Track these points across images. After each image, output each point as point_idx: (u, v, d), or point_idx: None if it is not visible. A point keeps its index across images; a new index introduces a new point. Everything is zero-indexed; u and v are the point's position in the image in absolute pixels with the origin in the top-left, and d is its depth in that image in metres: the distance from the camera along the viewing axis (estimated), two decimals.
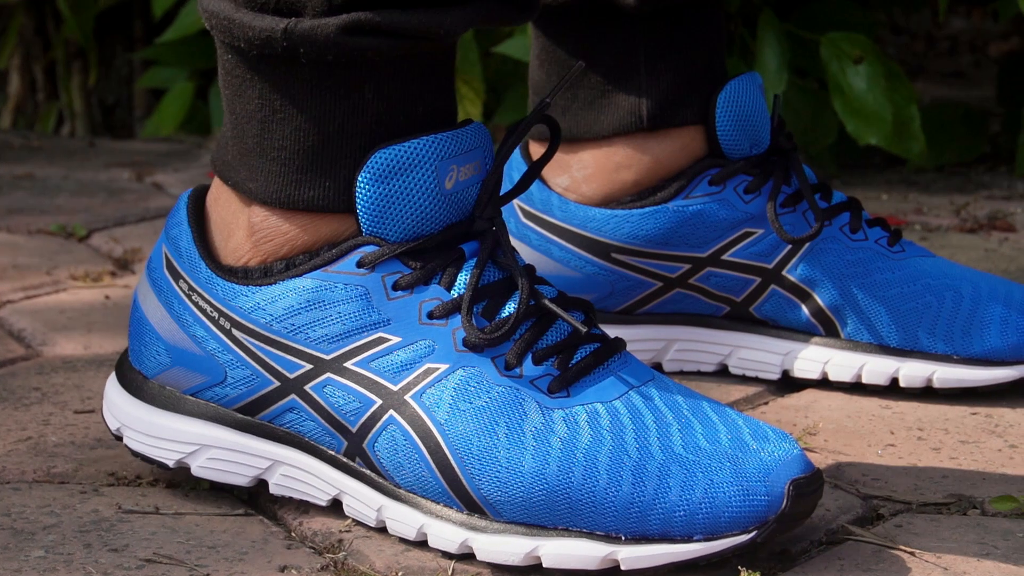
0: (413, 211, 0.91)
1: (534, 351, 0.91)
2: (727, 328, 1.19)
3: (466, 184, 0.93)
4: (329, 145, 0.92)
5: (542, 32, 1.19)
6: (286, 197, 0.93)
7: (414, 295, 0.92)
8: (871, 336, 1.16)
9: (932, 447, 1.08)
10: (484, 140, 0.94)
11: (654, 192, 1.16)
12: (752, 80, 1.17)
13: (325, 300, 0.92)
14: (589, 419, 0.90)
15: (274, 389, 0.94)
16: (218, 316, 0.95)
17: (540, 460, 0.88)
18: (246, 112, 0.93)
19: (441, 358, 0.91)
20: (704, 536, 0.87)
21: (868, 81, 1.71)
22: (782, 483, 0.87)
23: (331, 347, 0.92)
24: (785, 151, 1.17)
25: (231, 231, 0.96)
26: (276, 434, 0.95)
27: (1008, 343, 1.15)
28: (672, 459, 0.88)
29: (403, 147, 0.91)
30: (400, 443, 0.91)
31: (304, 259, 0.93)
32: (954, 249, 1.55)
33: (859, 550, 0.93)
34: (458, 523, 0.90)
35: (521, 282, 0.91)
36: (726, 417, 0.92)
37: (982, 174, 1.90)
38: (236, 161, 0.95)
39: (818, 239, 1.16)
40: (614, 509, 0.87)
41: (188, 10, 2.01)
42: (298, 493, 0.96)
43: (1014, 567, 0.91)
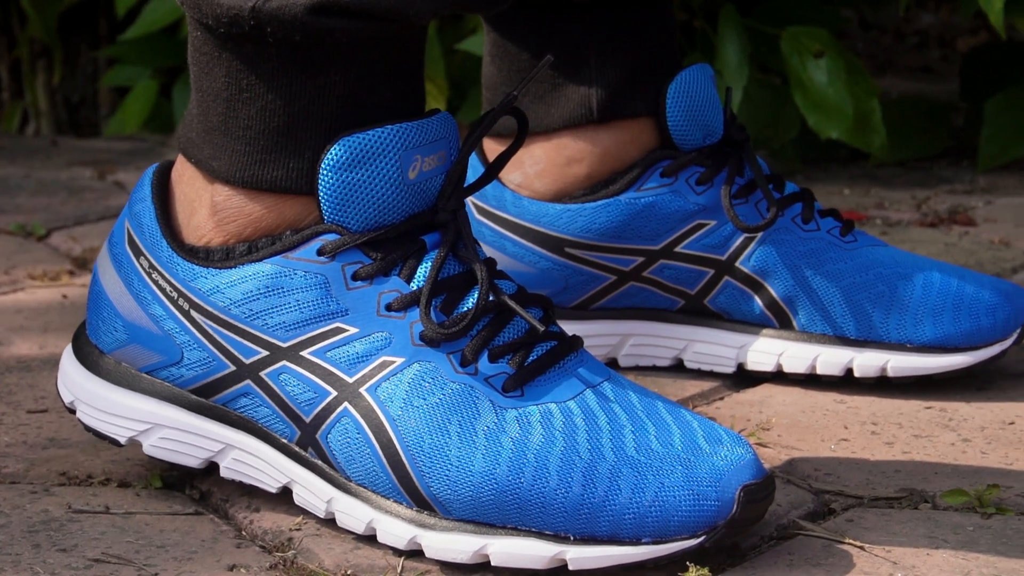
0: (375, 201, 0.91)
1: (490, 348, 0.91)
2: (682, 322, 1.19)
3: (430, 175, 0.92)
4: (294, 126, 0.91)
5: (493, 28, 1.19)
6: (250, 177, 0.92)
7: (373, 286, 0.91)
8: (825, 327, 1.16)
9: (885, 441, 1.08)
10: (450, 130, 0.93)
11: (606, 185, 1.16)
12: (703, 71, 1.17)
13: (284, 287, 0.92)
14: (542, 419, 0.89)
15: (230, 373, 0.94)
16: (177, 296, 0.94)
17: (490, 460, 0.88)
18: (212, 90, 0.93)
19: (397, 351, 0.91)
20: (653, 539, 0.87)
21: (829, 75, 1.71)
22: (733, 488, 0.87)
23: (288, 335, 0.92)
24: (738, 142, 1.17)
25: (194, 209, 0.95)
26: (230, 418, 0.95)
27: (961, 329, 1.15)
28: (624, 461, 0.88)
29: (366, 136, 0.90)
30: (353, 436, 0.91)
31: (266, 243, 0.93)
32: (914, 243, 1.56)
33: (809, 545, 0.93)
34: (407, 519, 0.90)
35: (481, 277, 0.91)
36: (681, 418, 0.91)
37: (944, 168, 1.91)
38: (201, 139, 0.94)
39: (770, 230, 1.16)
40: (563, 510, 0.87)
41: (151, 8, 2.01)
42: (248, 478, 0.95)
43: (963, 560, 0.91)
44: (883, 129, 1.72)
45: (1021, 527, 0.95)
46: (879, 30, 3.14)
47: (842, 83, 1.71)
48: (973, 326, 1.15)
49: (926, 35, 3.11)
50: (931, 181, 1.84)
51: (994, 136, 1.84)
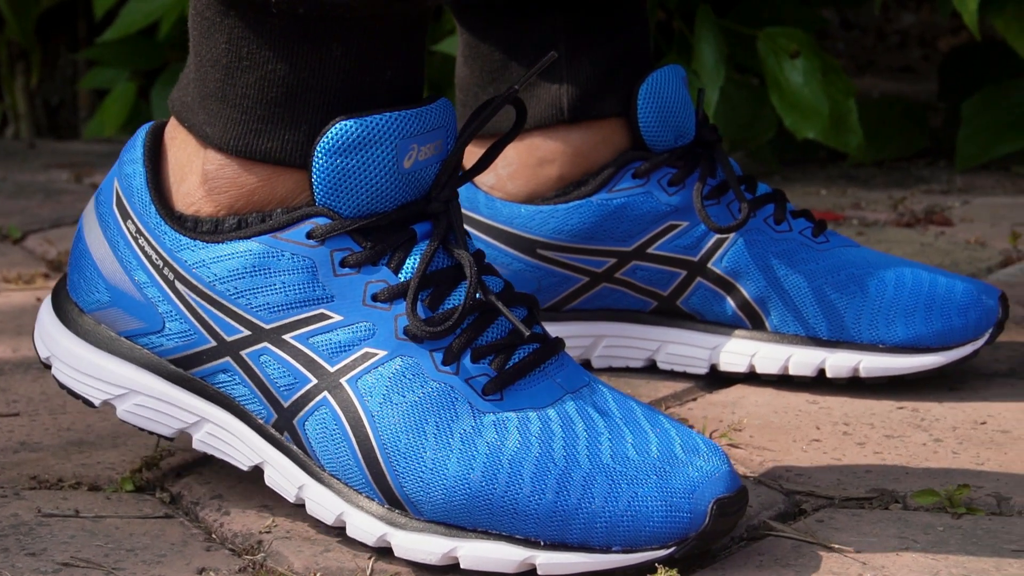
0: (368, 188, 0.90)
1: (473, 348, 0.90)
2: (654, 323, 1.19)
3: (425, 164, 0.91)
4: (293, 98, 0.90)
5: (466, 28, 1.19)
6: (244, 146, 0.91)
7: (361, 274, 0.91)
8: (797, 327, 1.16)
9: (857, 442, 1.08)
10: (448, 119, 0.92)
11: (578, 186, 1.16)
12: (675, 72, 1.17)
13: (271, 267, 0.91)
14: (519, 425, 0.89)
15: (210, 348, 0.93)
16: (162, 265, 0.93)
17: (465, 465, 0.88)
18: (211, 56, 0.91)
19: (380, 344, 0.90)
20: (623, 548, 0.87)
21: (805, 76, 1.72)
22: (706, 501, 0.87)
23: (271, 316, 0.91)
24: (710, 143, 1.17)
25: (184, 175, 0.94)
26: (207, 392, 0.94)
27: (933, 330, 1.15)
28: (599, 469, 0.88)
29: (364, 121, 0.89)
30: (330, 427, 0.90)
31: (256, 219, 0.92)
32: (890, 243, 1.56)
33: (779, 546, 0.93)
34: (378, 516, 0.89)
35: (469, 274, 0.90)
36: (659, 426, 0.91)
37: (922, 168, 1.91)
38: (196, 104, 0.93)
39: (743, 231, 1.16)
40: (536, 516, 0.87)
41: (128, 9, 2.00)
42: (220, 453, 0.95)
43: (932, 560, 0.91)
44: (860, 129, 1.73)
45: (991, 527, 0.95)
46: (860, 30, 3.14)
47: (818, 83, 1.71)
48: (945, 326, 1.15)
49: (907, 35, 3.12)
50: (908, 181, 1.85)
51: (971, 136, 1.85)
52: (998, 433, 1.10)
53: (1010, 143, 1.84)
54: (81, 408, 1.11)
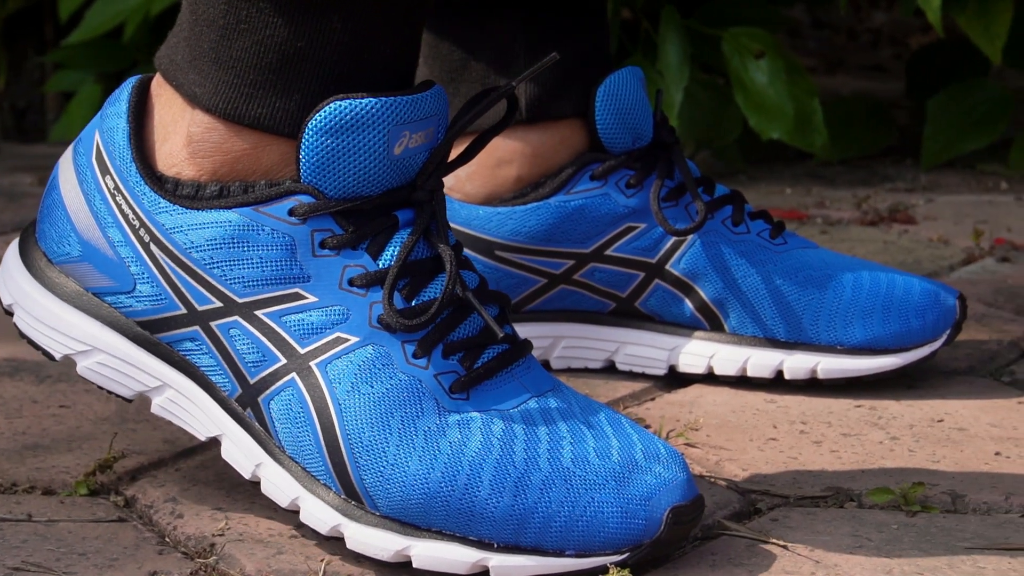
0: (356, 171, 0.89)
1: (446, 343, 0.90)
2: (613, 324, 1.19)
3: (415, 151, 0.90)
4: (288, 65, 0.89)
5: (426, 27, 1.19)
6: (233, 109, 0.90)
7: (339, 257, 0.90)
8: (755, 329, 1.16)
9: (814, 440, 1.08)
10: (441, 108, 0.91)
11: (536, 188, 1.16)
12: (633, 74, 1.17)
13: (249, 240, 0.90)
14: (483, 426, 0.89)
15: (179, 315, 0.92)
16: (139, 226, 0.92)
17: (426, 464, 0.88)
18: (208, 17, 0.90)
19: (353, 330, 0.90)
20: (576, 552, 0.86)
21: (769, 76, 1.72)
22: (662, 509, 0.87)
23: (245, 290, 0.90)
24: (668, 144, 1.17)
25: (168, 135, 0.93)
26: (172, 358, 0.93)
27: (891, 331, 1.15)
28: (558, 472, 0.87)
29: (358, 104, 0.88)
30: (295, 410, 0.90)
31: (238, 189, 0.91)
32: (853, 242, 1.56)
33: (733, 545, 0.93)
34: (333, 506, 0.89)
35: (449, 267, 0.90)
36: (621, 431, 0.91)
37: (888, 167, 1.91)
38: (186, 64, 0.92)
39: (700, 232, 1.16)
40: (492, 519, 0.87)
41: (94, 12, 2.00)
42: (178, 420, 0.94)
43: (886, 559, 0.91)
44: (824, 129, 1.73)
45: (945, 525, 0.96)
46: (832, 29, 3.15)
47: (782, 84, 1.72)
48: (903, 327, 1.15)
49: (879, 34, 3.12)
50: (874, 180, 1.85)
51: (936, 134, 1.85)
52: (955, 431, 1.10)
53: (975, 140, 1.84)
54: (36, 412, 1.11)
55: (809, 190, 1.79)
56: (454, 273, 0.90)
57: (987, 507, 0.99)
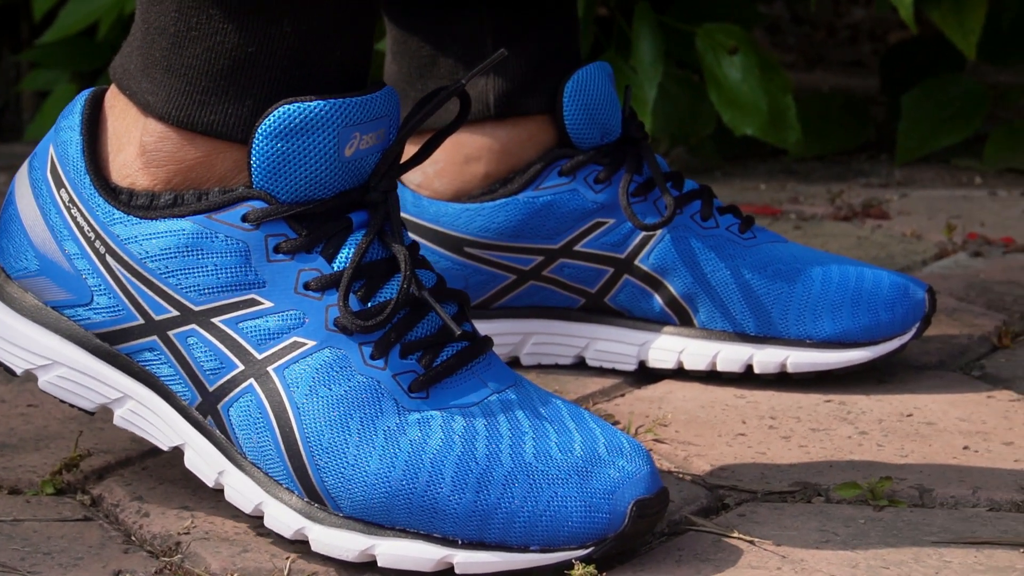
0: (307, 174, 0.89)
1: (403, 343, 0.90)
2: (583, 320, 1.19)
3: (366, 153, 0.90)
4: (239, 71, 0.89)
5: (394, 24, 1.19)
6: (186, 116, 0.90)
7: (294, 262, 0.90)
8: (725, 323, 1.16)
9: (783, 435, 1.08)
10: (392, 108, 0.91)
11: (505, 184, 1.16)
12: (601, 69, 1.17)
13: (204, 248, 0.90)
14: (443, 424, 0.89)
15: (137, 325, 0.92)
16: (94, 238, 0.92)
17: (387, 463, 0.88)
18: (160, 24, 0.90)
19: (310, 334, 0.90)
20: (541, 547, 0.86)
21: (743, 72, 1.72)
22: (626, 502, 0.87)
23: (201, 298, 0.90)
24: (636, 140, 1.17)
25: (122, 145, 0.93)
26: (132, 369, 0.93)
27: (860, 324, 1.15)
28: (520, 468, 0.87)
29: (306, 107, 0.88)
30: (254, 415, 0.90)
31: (191, 197, 0.91)
32: (827, 237, 1.56)
33: (699, 540, 0.93)
34: (297, 509, 0.89)
35: (404, 267, 0.90)
36: (584, 425, 0.91)
37: (863, 162, 1.92)
38: (139, 72, 0.92)
39: (669, 227, 1.16)
40: (455, 515, 0.86)
41: (68, 11, 1.99)
42: (141, 431, 0.94)
43: (852, 553, 0.91)
44: (798, 125, 1.73)
45: (912, 519, 0.96)
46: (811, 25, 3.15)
47: (756, 79, 1.72)
48: (872, 321, 1.16)
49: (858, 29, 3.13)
50: (848, 175, 1.85)
51: (911, 130, 1.85)
52: (924, 425, 1.10)
53: (949, 136, 1.84)
54: (3, 412, 1.11)
55: (784, 186, 1.79)
56: (409, 273, 0.90)
57: (954, 501, 0.99)
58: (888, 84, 2.04)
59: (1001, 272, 1.44)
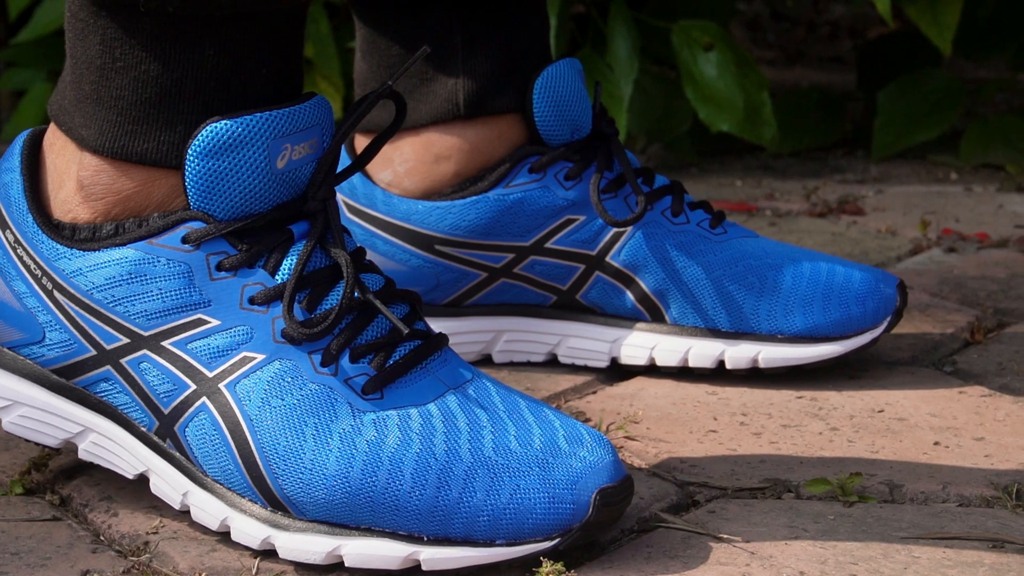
0: (241, 190, 0.90)
1: (352, 348, 0.90)
2: (555, 317, 1.19)
3: (299, 163, 0.91)
4: (167, 99, 0.90)
5: (364, 23, 1.19)
6: (119, 147, 0.91)
7: (237, 278, 0.90)
8: (696, 319, 1.16)
9: (754, 432, 1.08)
10: (324, 116, 0.92)
11: (475, 182, 1.16)
12: (571, 65, 1.17)
13: (147, 274, 0.91)
14: (400, 422, 0.89)
15: (91, 357, 0.93)
16: (41, 275, 0.93)
17: (344, 462, 0.88)
18: (86, 58, 0.91)
19: (258, 347, 0.90)
20: (507, 541, 0.87)
21: (719, 68, 1.72)
22: (589, 492, 0.87)
23: (150, 323, 0.91)
24: (606, 136, 1.17)
25: (62, 182, 0.94)
26: (90, 401, 0.94)
27: (831, 319, 1.15)
28: (480, 462, 0.87)
29: (234, 123, 0.89)
30: (209, 432, 0.90)
31: (132, 225, 0.91)
32: (802, 233, 1.56)
33: (668, 537, 0.93)
34: (262, 519, 0.89)
35: (346, 273, 0.90)
36: (543, 418, 0.91)
37: (839, 158, 1.92)
38: (72, 107, 0.92)
39: (640, 224, 1.16)
40: (417, 512, 0.87)
41: (43, 10, 1.99)
42: (105, 462, 0.95)
43: (820, 549, 0.91)
44: (773, 121, 1.73)
45: (881, 515, 0.96)
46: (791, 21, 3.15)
47: (731, 76, 1.72)
48: (843, 315, 1.16)
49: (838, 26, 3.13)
50: (825, 171, 1.85)
51: (887, 125, 1.85)
52: (895, 421, 1.10)
53: (926, 131, 1.84)
54: None
55: (760, 182, 1.79)
56: (351, 279, 0.90)
57: (924, 497, 0.99)
58: (865, 80, 2.04)
59: (975, 268, 1.45)
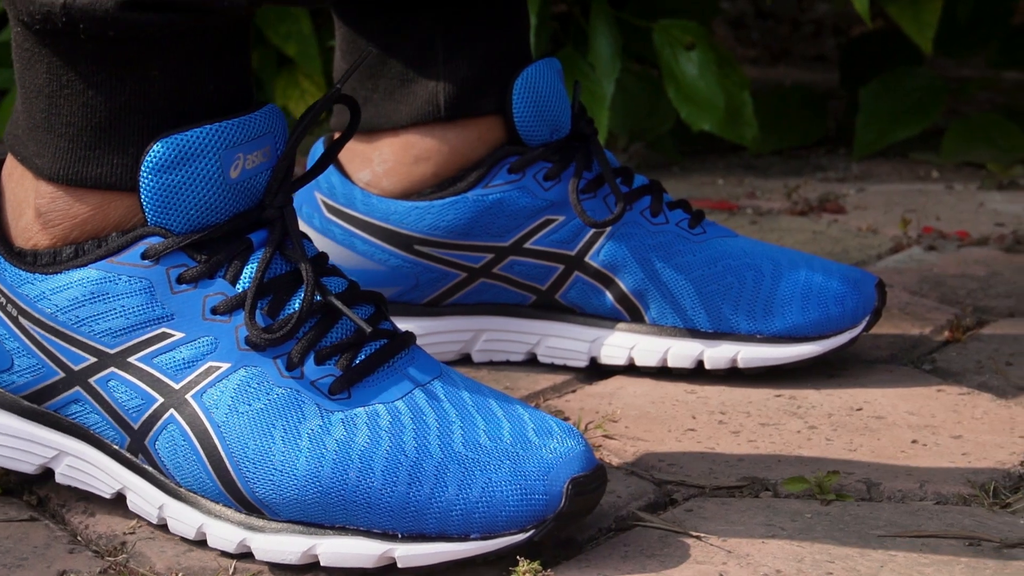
0: (197, 202, 0.90)
1: (317, 350, 0.91)
2: (534, 317, 1.19)
3: (254, 172, 0.91)
4: (117, 122, 0.90)
5: (344, 22, 1.19)
6: (74, 174, 0.91)
7: (198, 289, 0.91)
8: (675, 319, 1.16)
9: (732, 430, 1.08)
10: (276, 124, 0.92)
11: (454, 183, 1.16)
12: (550, 66, 1.17)
13: (109, 292, 0.91)
14: (368, 420, 0.89)
15: (60, 380, 0.93)
16: (6, 302, 0.93)
17: (314, 462, 0.88)
18: (35, 86, 0.91)
19: (223, 356, 0.90)
20: (481, 535, 0.87)
21: (700, 67, 1.72)
22: (561, 482, 0.87)
23: (115, 341, 0.91)
24: (586, 136, 1.17)
25: (22, 210, 0.94)
26: (63, 424, 0.94)
27: (809, 319, 1.16)
28: (451, 457, 0.88)
29: (184, 136, 0.89)
30: (179, 443, 0.90)
31: (92, 246, 0.92)
32: (782, 232, 1.56)
33: (646, 536, 0.93)
34: (236, 523, 0.89)
35: (306, 277, 0.91)
36: (512, 412, 0.91)
37: (821, 156, 1.92)
38: (26, 136, 0.93)
39: (619, 224, 1.16)
40: (390, 509, 0.87)
41: None
42: (83, 484, 0.95)
43: (797, 548, 0.91)
44: (755, 121, 1.73)
45: (859, 513, 0.96)
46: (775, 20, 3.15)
47: (713, 75, 1.72)
48: (822, 315, 1.16)
49: (821, 24, 3.13)
50: (807, 170, 1.85)
51: (869, 123, 1.86)
52: (873, 419, 1.10)
53: (907, 128, 1.85)
54: None
55: (741, 181, 1.80)
56: (311, 283, 0.90)
57: (901, 495, 0.99)
58: (847, 78, 2.04)
59: (955, 266, 1.45)
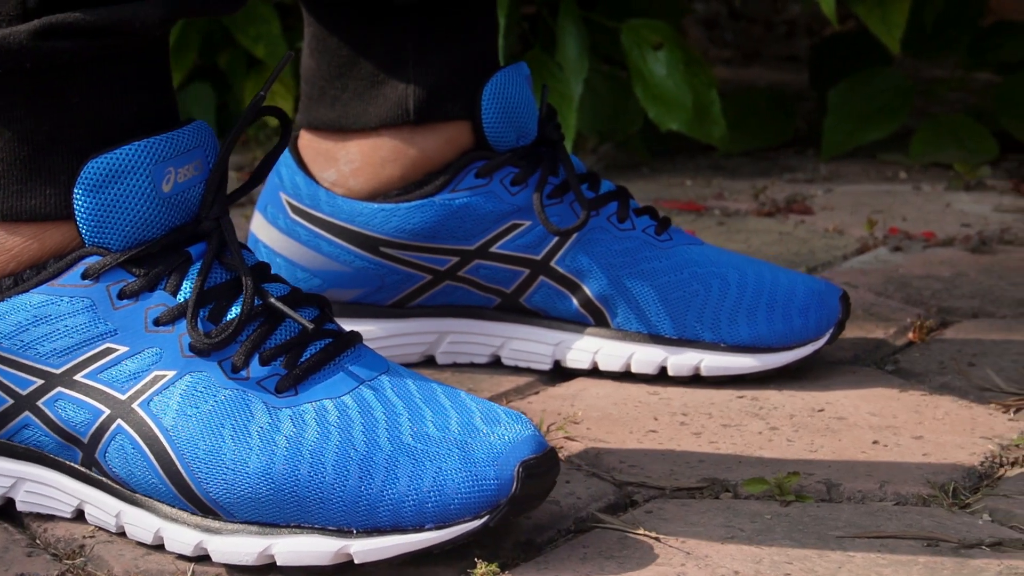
0: (131, 218, 0.91)
1: (261, 352, 0.91)
2: (499, 319, 1.19)
3: (187, 185, 0.92)
4: (44, 153, 0.91)
5: (315, 20, 1.19)
6: (8, 209, 0.92)
7: (139, 303, 0.92)
8: (640, 325, 1.17)
9: (694, 432, 1.09)
10: (205, 138, 0.93)
11: (421, 186, 1.16)
12: (518, 71, 1.17)
13: (52, 314, 0.92)
14: (316, 416, 0.90)
15: (9, 407, 0.93)
16: None
17: (265, 459, 0.88)
18: None
19: (168, 365, 0.91)
20: (435, 524, 0.87)
21: (668, 67, 1.73)
22: (511, 466, 0.88)
23: (60, 361, 0.92)
24: (553, 141, 1.18)
25: None
26: (17, 451, 0.95)
27: (774, 330, 1.16)
28: (400, 450, 0.88)
29: (113, 155, 0.90)
30: (128, 451, 0.91)
31: (31, 273, 0.93)
32: (749, 233, 1.57)
33: (605, 538, 0.93)
34: (192, 526, 0.90)
35: (246, 282, 0.91)
36: (459, 403, 0.92)
37: (790, 157, 1.93)
38: None
39: (586, 229, 1.17)
40: (342, 503, 0.87)
41: None
42: (44, 508, 0.95)
43: (756, 549, 0.92)
44: (723, 120, 1.74)
45: (818, 514, 0.96)
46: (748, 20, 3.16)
47: (681, 75, 1.72)
48: (786, 326, 1.16)
49: (795, 25, 3.14)
50: (775, 170, 1.86)
51: (838, 124, 1.86)
52: (834, 420, 1.11)
53: (876, 130, 1.85)
54: None
55: (710, 181, 1.80)
56: (251, 287, 0.91)
57: (861, 496, 0.99)
58: (817, 79, 2.05)
59: (920, 267, 1.45)
